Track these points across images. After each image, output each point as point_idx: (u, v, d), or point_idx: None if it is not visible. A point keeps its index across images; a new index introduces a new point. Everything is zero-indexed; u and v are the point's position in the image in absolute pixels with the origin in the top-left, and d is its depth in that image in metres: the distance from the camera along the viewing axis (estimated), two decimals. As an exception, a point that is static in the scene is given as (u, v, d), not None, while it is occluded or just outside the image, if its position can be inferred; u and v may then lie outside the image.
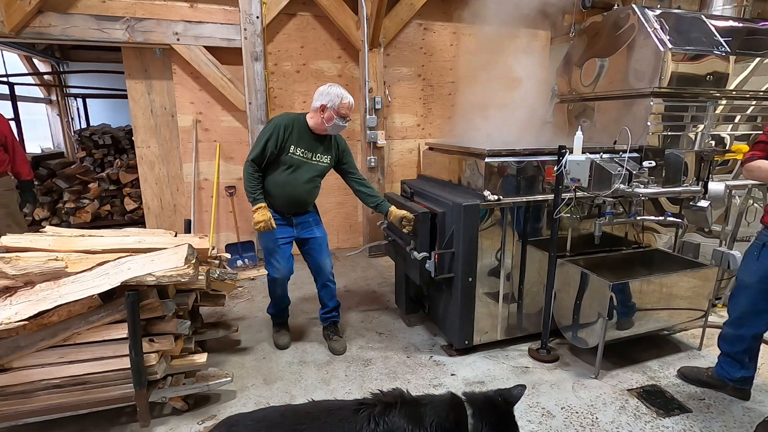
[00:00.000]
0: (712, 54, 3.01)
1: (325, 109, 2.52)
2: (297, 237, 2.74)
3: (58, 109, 7.32)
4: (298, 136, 2.56)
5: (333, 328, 2.95)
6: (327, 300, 2.91)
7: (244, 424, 1.41)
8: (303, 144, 2.57)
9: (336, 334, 2.93)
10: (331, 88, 2.55)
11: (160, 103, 4.39)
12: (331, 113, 2.52)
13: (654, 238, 3.15)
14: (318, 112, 2.54)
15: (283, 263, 2.70)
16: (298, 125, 2.57)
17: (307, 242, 2.78)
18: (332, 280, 2.88)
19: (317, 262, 2.81)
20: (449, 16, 4.84)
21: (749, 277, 2.17)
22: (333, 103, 2.51)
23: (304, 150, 2.58)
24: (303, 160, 2.58)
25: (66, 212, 5.71)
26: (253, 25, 4.06)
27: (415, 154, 5.04)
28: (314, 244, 2.78)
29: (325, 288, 2.88)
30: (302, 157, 2.58)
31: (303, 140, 2.57)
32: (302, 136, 2.57)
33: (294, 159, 2.56)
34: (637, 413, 2.24)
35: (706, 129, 3.16)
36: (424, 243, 2.63)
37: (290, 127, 2.53)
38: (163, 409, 2.26)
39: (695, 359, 2.72)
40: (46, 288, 1.96)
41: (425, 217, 2.61)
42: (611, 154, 2.59)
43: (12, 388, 1.95)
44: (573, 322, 2.65)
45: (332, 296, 2.91)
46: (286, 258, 2.70)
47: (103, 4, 3.79)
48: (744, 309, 2.20)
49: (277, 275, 2.72)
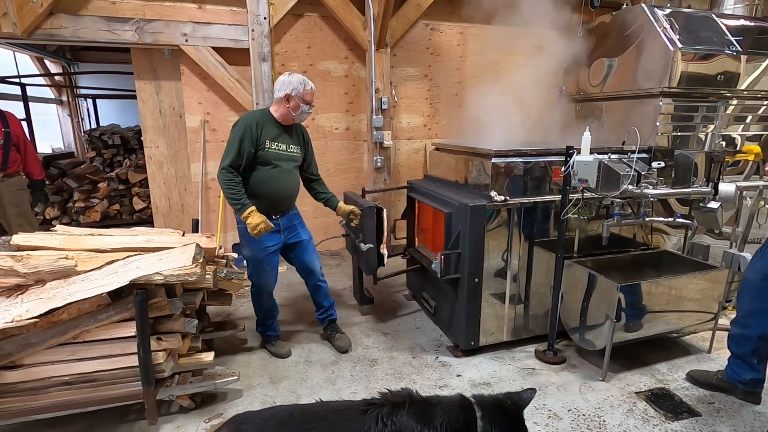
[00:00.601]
0: (722, 53, 2.98)
1: (290, 98, 2.46)
2: (285, 242, 2.68)
3: (68, 109, 7.42)
4: (270, 130, 2.49)
5: (333, 326, 2.94)
6: (322, 300, 2.90)
7: (252, 422, 1.42)
8: (276, 137, 2.51)
9: (337, 331, 2.92)
10: (292, 76, 2.48)
11: (168, 103, 4.43)
12: (297, 101, 2.47)
13: (663, 240, 3.12)
14: (283, 102, 2.48)
15: (272, 272, 2.66)
16: (266, 119, 2.49)
17: (295, 246, 2.73)
18: (323, 279, 2.87)
19: (306, 264, 2.78)
20: (456, 16, 4.83)
21: (753, 274, 2.19)
22: (297, 90, 2.46)
23: (278, 143, 2.51)
24: (280, 153, 2.52)
25: (76, 211, 5.78)
26: (260, 25, 4.08)
27: (422, 155, 5.04)
28: (301, 247, 2.74)
29: (318, 289, 2.86)
30: (279, 150, 2.51)
31: (275, 133, 2.51)
32: (273, 129, 2.50)
33: (272, 153, 2.48)
34: (645, 416, 2.22)
35: (717, 129, 3.12)
36: (370, 235, 2.73)
37: (260, 123, 2.44)
38: (170, 407, 2.28)
39: (705, 362, 2.69)
40: (57, 286, 1.98)
41: (370, 211, 2.70)
42: (620, 155, 2.57)
43: (23, 385, 1.98)
44: (580, 324, 2.63)
45: (326, 296, 2.90)
46: (274, 266, 2.67)
47: (113, 5, 3.83)
48: (748, 308, 2.21)
49: (265, 287, 2.67)
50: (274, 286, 2.74)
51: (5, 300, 1.96)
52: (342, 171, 4.86)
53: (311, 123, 4.63)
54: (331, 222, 4.53)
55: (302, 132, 2.72)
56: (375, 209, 2.73)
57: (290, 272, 4.10)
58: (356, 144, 4.85)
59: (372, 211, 2.71)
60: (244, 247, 2.62)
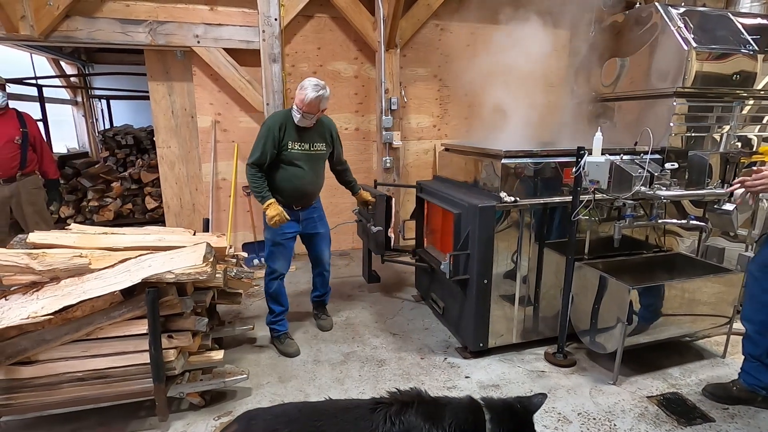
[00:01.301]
0: (739, 53, 2.92)
1: (303, 99, 2.54)
2: (301, 233, 2.89)
3: (83, 110, 7.55)
4: (293, 131, 2.64)
5: (322, 308, 3.27)
6: (320, 285, 3.18)
7: (263, 418, 1.43)
8: (299, 137, 2.66)
9: (324, 313, 3.26)
10: (304, 81, 2.57)
11: (180, 104, 4.49)
12: (313, 100, 2.54)
13: (676, 242, 3.07)
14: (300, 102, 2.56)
15: (285, 256, 2.85)
16: (290, 120, 2.64)
17: (311, 237, 2.97)
18: (328, 270, 3.13)
19: (318, 255, 3.04)
20: (466, 17, 4.81)
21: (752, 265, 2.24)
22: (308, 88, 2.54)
23: (302, 143, 2.68)
24: (302, 152, 2.69)
25: (90, 210, 5.88)
26: (271, 27, 4.11)
27: (431, 155, 5.03)
28: (317, 239, 2.99)
29: (321, 276, 3.14)
30: (301, 150, 2.68)
31: (297, 134, 2.66)
32: (296, 129, 2.65)
33: (295, 154, 2.66)
34: (657, 421, 2.18)
35: (732, 130, 3.07)
36: (380, 219, 3.07)
37: (283, 125, 2.61)
38: (180, 405, 2.30)
39: (718, 367, 2.64)
40: (71, 284, 2.02)
41: (381, 198, 3.05)
42: (632, 156, 2.54)
43: (38, 380, 2.02)
44: (591, 327, 2.60)
45: (325, 283, 3.18)
46: (289, 251, 2.86)
47: (127, 7, 3.89)
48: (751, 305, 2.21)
49: (278, 269, 2.84)
50: (286, 270, 2.90)
51: (21, 297, 2.00)
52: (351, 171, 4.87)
53: (321, 123, 4.65)
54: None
55: (329, 126, 2.85)
56: (385, 197, 3.06)
57: (298, 273, 4.14)
58: (365, 144, 4.86)
59: (383, 198, 3.05)
60: (265, 229, 2.82)
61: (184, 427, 2.16)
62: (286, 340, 2.88)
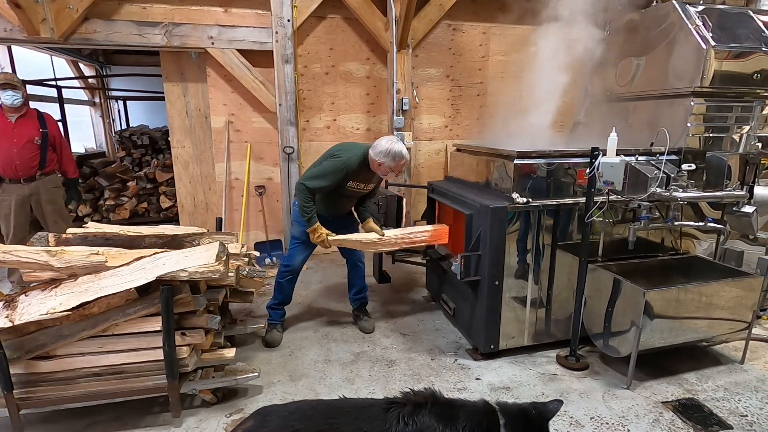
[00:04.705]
0: (759, 51, 2.85)
1: (382, 165, 2.69)
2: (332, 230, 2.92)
3: (100, 110, 7.71)
4: (358, 174, 2.75)
5: (363, 309, 3.22)
6: (356, 279, 3.16)
7: (278, 414, 1.43)
8: (360, 179, 2.78)
9: (366, 314, 3.19)
10: (392, 146, 2.65)
11: (194, 104, 4.55)
12: (386, 169, 2.72)
13: (693, 245, 3.01)
14: (375, 163, 2.70)
15: (306, 254, 2.94)
16: (362, 165, 2.72)
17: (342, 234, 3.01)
18: (363, 261, 3.14)
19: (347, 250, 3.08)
20: (479, 17, 4.79)
21: None
22: (389, 165, 2.69)
23: (358, 182, 2.80)
24: (356, 190, 2.83)
25: (106, 209, 6.00)
26: (284, 28, 4.14)
27: (443, 156, 5.01)
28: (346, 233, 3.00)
29: (356, 268, 3.14)
30: (356, 189, 2.82)
31: (360, 175, 2.77)
32: (361, 173, 2.76)
33: (349, 190, 2.80)
34: (673, 427, 2.14)
35: (752, 130, 2.99)
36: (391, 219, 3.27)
37: (355, 170, 2.70)
38: (193, 401, 2.33)
39: (737, 373, 2.58)
40: (88, 281, 2.06)
41: (392, 198, 3.25)
42: (648, 157, 2.50)
43: (55, 375, 2.07)
44: (604, 330, 2.56)
45: (361, 276, 3.15)
46: (310, 250, 2.95)
47: (144, 10, 3.96)
48: None
49: (294, 264, 2.94)
50: (301, 267, 3.01)
51: (41, 293, 2.05)
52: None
53: (332, 124, 4.68)
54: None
55: None
56: (396, 197, 3.22)
57: (309, 272, 4.16)
58: (377, 145, 4.87)
59: (394, 198, 3.19)
60: (293, 226, 2.96)
61: (197, 424, 2.19)
62: (273, 330, 2.97)
